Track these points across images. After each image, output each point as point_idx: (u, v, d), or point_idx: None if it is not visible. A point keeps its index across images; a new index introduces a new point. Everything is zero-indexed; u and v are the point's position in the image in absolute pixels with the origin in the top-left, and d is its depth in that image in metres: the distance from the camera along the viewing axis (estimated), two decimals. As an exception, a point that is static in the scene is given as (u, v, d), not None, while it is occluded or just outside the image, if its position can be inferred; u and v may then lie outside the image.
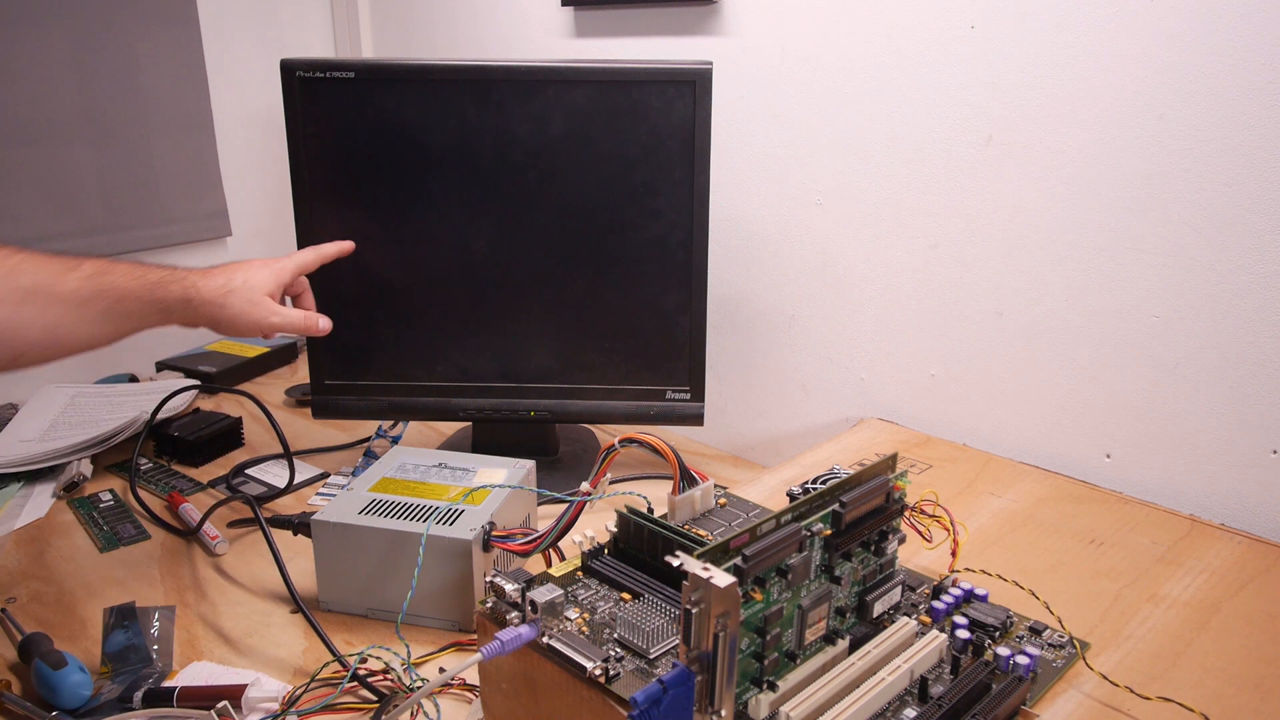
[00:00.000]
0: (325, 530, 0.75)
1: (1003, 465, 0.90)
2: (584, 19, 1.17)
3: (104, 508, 0.96)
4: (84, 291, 0.71)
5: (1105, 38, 0.79)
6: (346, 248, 0.92)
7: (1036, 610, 0.64)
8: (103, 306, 0.72)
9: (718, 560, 0.47)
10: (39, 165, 1.21)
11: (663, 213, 0.93)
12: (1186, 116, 0.77)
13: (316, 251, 0.90)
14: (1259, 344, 0.77)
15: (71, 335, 0.71)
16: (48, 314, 0.69)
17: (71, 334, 0.71)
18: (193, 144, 1.37)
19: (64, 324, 0.70)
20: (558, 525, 0.63)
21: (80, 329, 0.71)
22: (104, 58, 1.25)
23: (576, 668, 0.49)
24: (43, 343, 0.70)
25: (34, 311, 0.69)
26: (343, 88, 0.92)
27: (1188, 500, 0.82)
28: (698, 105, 0.90)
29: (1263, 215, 0.75)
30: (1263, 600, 0.67)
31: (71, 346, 0.72)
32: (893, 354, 1.00)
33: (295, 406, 1.25)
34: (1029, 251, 0.88)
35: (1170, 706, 0.55)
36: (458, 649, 0.72)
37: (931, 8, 0.88)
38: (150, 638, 0.72)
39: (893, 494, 0.58)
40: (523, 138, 0.92)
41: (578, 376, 0.99)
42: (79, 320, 0.71)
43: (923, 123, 0.91)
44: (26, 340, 0.69)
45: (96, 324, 0.72)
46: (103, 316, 0.72)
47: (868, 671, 0.53)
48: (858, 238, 0.99)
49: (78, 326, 0.71)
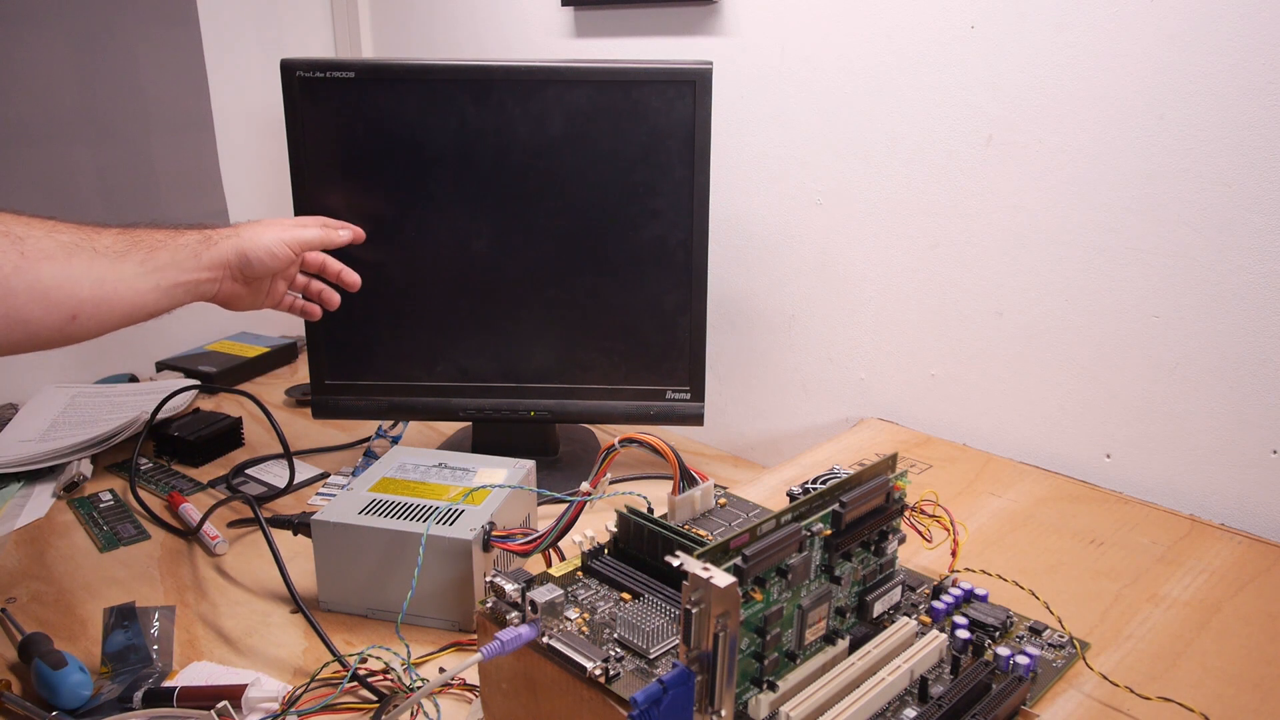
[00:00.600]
0: (325, 530, 0.75)
1: (1003, 465, 0.90)
2: (584, 19, 1.17)
3: (104, 508, 0.96)
4: (119, 244, 0.71)
5: (1105, 38, 0.79)
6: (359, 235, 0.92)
7: (1036, 610, 0.64)
8: (139, 256, 0.72)
9: (718, 560, 0.47)
10: (39, 165, 1.21)
11: (663, 213, 0.93)
12: (1186, 116, 0.77)
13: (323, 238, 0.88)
14: (1259, 344, 0.77)
15: (118, 290, 0.70)
16: (95, 267, 0.69)
17: (118, 289, 0.70)
18: (193, 144, 1.37)
19: (110, 277, 0.70)
20: (558, 525, 0.63)
21: (126, 283, 0.71)
22: (104, 58, 1.25)
23: (576, 668, 0.49)
24: (94, 299, 0.68)
25: (82, 265, 0.68)
26: (343, 88, 0.92)
27: (1188, 500, 0.82)
28: (698, 105, 0.90)
29: (1263, 215, 0.75)
30: (1263, 600, 0.67)
31: (120, 306, 0.71)
32: (893, 354, 1.00)
33: (295, 406, 1.25)
34: (1029, 251, 0.88)
35: (1170, 706, 0.55)
36: (458, 649, 0.72)
37: (931, 8, 0.88)
38: (150, 638, 0.72)
39: (893, 494, 0.58)
40: (523, 138, 0.92)
41: (578, 376, 0.99)
42: (123, 274, 0.70)
43: (923, 123, 0.91)
44: (80, 296, 0.68)
45: (139, 277, 0.72)
46: (142, 268, 0.72)
47: (868, 671, 0.53)
48: (858, 238, 0.99)
49: (123, 280, 0.70)
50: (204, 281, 0.77)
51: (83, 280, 0.68)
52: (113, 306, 0.70)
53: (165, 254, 0.74)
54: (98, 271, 0.69)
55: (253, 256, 0.80)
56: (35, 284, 0.65)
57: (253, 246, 0.80)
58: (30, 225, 0.67)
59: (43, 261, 0.66)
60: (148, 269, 0.72)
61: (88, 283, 0.68)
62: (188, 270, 0.76)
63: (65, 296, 0.67)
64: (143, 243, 0.73)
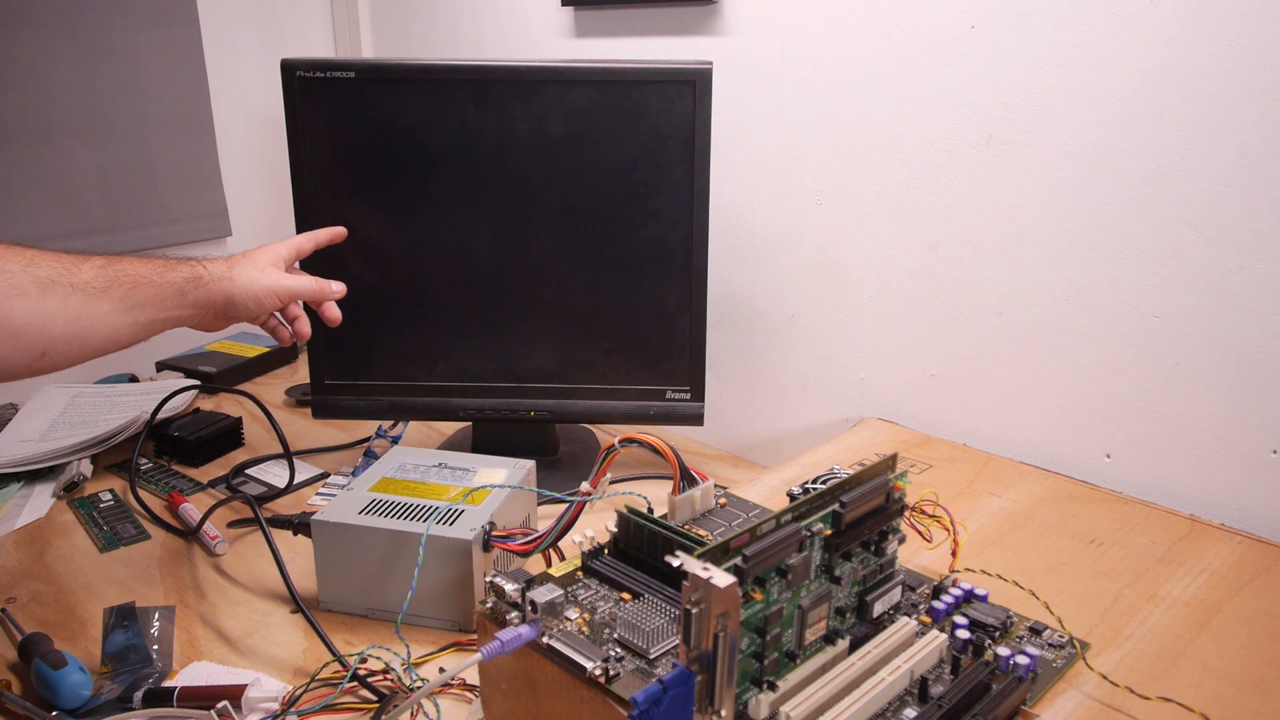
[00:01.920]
0: (325, 530, 0.75)
1: (1003, 465, 0.90)
2: (584, 19, 1.17)
3: (104, 508, 0.96)
4: (99, 280, 0.70)
5: (1105, 38, 0.79)
6: (339, 233, 0.90)
7: (1036, 610, 0.64)
8: (119, 294, 0.71)
9: (718, 560, 0.47)
10: (39, 165, 1.21)
11: (663, 213, 0.93)
12: (1186, 116, 0.77)
13: (311, 237, 0.88)
14: (1259, 344, 0.77)
15: (92, 328, 0.69)
16: (69, 305, 0.68)
17: (92, 326, 0.69)
18: (193, 144, 1.37)
19: (85, 315, 0.69)
20: (558, 525, 0.63)
21: (101, 320, 0.70)
22: (104, 58, 1.25)
23: (576, 668, 0.49)
24: (66, 337, 0.68)
25: (56, 303, 0.67)
26: (343, 88, 0.92)
27: (1188, 500, 0.82)
28: (698, 105, 0.90)
29: (1263, 215, 0.75)
30: (1263, 600, 0.67)
31: (94, 342, 0.70)
32: (893, 354, 1.00)
33: (295, 406, 1.25)
34: (1029, 251, 0.88)
35: (1170, 706, 0.55)
36: (458, 649, 0.72)
37: (931, 8, 0.88)
38: (150, 638, 0.72)
39: (893, 494, 0.58)
40: (523, 138, 0.92)
41: (578, 376, 0.99)
42: (99, 310, 0.70)
43: (923, 123, 0.91)
44: (51, 334, 0.67)
45: (116, 314, 0.71)
46: (120, 305, 0.71)
47: (868, 671, 0.53)
48: (858, 238, 0.99)
49: (98, 317, 0.70)
50: (184, 317, 0.76)
51: (56, 318, 0.67)
52: (86, 342, 0.69)
53: (149, 291, 0.73)
54: (73, 309, 0.68)
55: (240, 304, 0.78)
56: (5, 322, 0.64)
57: (242, 294, 0.78)
58: (6, 259, 0.66)
59: (15, 299, 0.65)
60: (127, 305, 0.71)
61: (61, 320, 0.67)
62: (169, 308, 0.75)
63: (36, 335, 0.66)
64: (126, 278, 0.72)
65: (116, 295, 0.71)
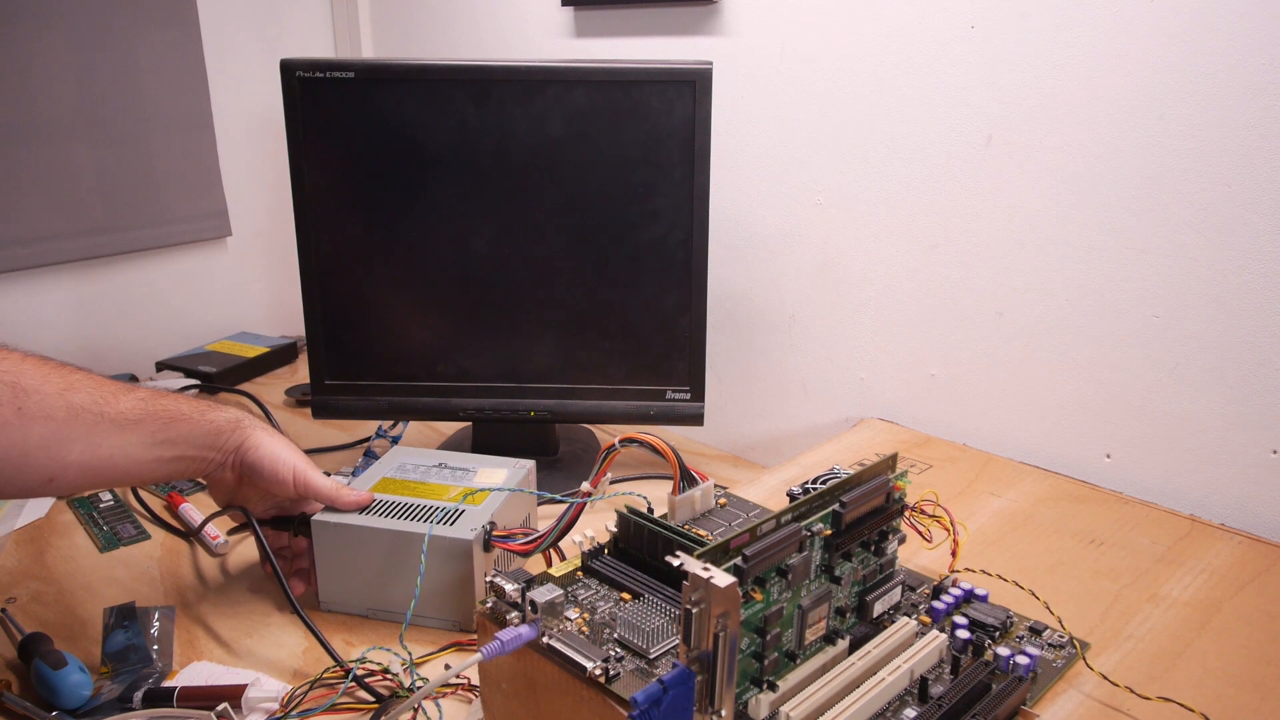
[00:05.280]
0: (325, 530, 0.75)
1: (1003, 465, 0.90)
2: (584, 19, 1.17)
3: (104, 508, 0.96)
4: (135, 411, 0.69)
5: (1105, 38, 0.79)
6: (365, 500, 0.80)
7: (1036, 610, 0.64)
8: (152, 427, 0.69)
9: (718, 560, 0.47)
10: (39, 165, 1.21)
11: (663, 213, 0.93)
12: (1186, 116, 0.77)
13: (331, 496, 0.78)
14: (1259, 344, 0.77)
15: (111, 458, 0.68)
16: (93, 433, 0.66)
17: (112, 456, 0.68)
18: (193, 144, 1.37)
19: (106, 444, 0.67)
20: (558, 525, 0.63)
21: (123, 452, 0.68)
22: (104, 58, 1.25)
23: (576, 668, 0.49)
24: (80, 464, 0.66)
25: (79, 430, 0.66)
26: (343, 88, 0.92)
27: (1188, 500, 0.82)
28: (698, 105, 0.90)
29: (1263, 215, 0.75)
30: (1263, 600, 0.67)
31: (109, 473, 0.69)
32: (893, 354, 1.00)
33: (295, 406, 1.25)
34: (1029, 251, 0.88)
35: (1170, 706, 0.55)
36: (458, 649, 0.72)
37: (931, 8, 0.88)
38: (150, 638, 0.72)
39: (893, 494, 0.58)
40: (523, 138, 0.92)
41: (578, 376, 0.99)
42: (123, 442, 0.68)
43: (923, 123, 0.91)
44: (64, 461, 0.65)
45: (141, 447, 0.69)
46: (150, 439, 0.69)
47: (868, 671, 0.53)
48: (858, 238, 0.99)
49: (121, 449, 0.68)
50: (209, 460, 0.74)
51: (73, 445, 0.65)
52: (99, 473, 0.68)
53: (183, 428, 0.71)
54: (96, 437, 0.67)
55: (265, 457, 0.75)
56: (19, 444, 0.63)
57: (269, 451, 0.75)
58: (48, 379, 0.65)
59: (38, 421, 0.64)
60: (157, 439, 0.70)
61: (78, 447, 0.66)
62: (199, 447, 0.73)
63: (47, 460, 0.65)
64: (164, 413, 0.70)
65: (149, 428, 0.70)
